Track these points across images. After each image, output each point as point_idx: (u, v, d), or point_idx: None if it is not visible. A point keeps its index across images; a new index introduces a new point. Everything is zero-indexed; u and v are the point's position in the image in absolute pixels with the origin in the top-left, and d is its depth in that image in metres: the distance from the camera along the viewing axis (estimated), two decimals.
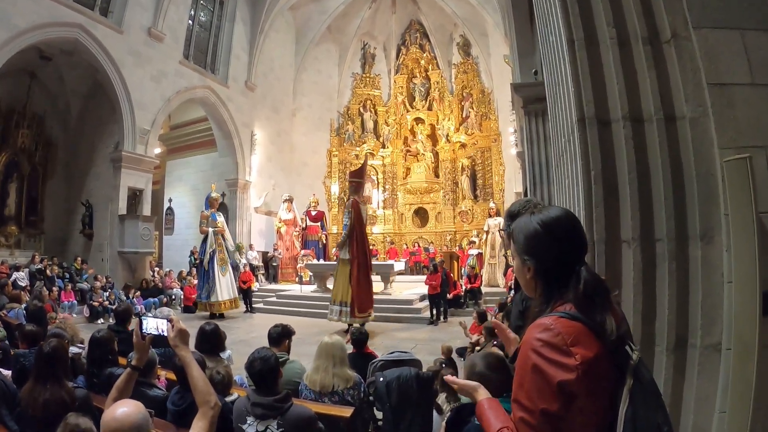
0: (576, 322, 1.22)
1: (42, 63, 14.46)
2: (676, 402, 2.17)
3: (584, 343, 1.19)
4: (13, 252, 14.46)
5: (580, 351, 1.17)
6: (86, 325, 11.01)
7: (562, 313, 1.25)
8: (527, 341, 1.25)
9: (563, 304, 1.28)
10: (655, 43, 2.36)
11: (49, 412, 2.92)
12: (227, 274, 13.50)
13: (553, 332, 1.20)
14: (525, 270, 1.40)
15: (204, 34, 18.17)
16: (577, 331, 1.20)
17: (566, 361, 1.16)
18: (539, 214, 1.37)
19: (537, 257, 1.36)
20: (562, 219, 1.35)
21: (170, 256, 20.08)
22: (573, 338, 1.19)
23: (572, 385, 1.15)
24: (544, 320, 1.25)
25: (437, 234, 21.65)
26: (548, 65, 3.40)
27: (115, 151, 14.66)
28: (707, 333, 2.15)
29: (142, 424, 1.87)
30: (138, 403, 1.96)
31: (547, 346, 1.19)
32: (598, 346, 1.20)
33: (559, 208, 1.40)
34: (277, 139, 21.12)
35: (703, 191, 2.21)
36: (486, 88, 20.86)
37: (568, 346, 1.18)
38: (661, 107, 2.32)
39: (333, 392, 3.87)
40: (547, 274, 1.35)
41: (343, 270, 10.89)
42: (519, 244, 1.41)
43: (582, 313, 1.23)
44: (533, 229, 1.36)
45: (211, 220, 13.61)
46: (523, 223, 1.40)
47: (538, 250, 1.35)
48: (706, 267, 2.18)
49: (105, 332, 4.30)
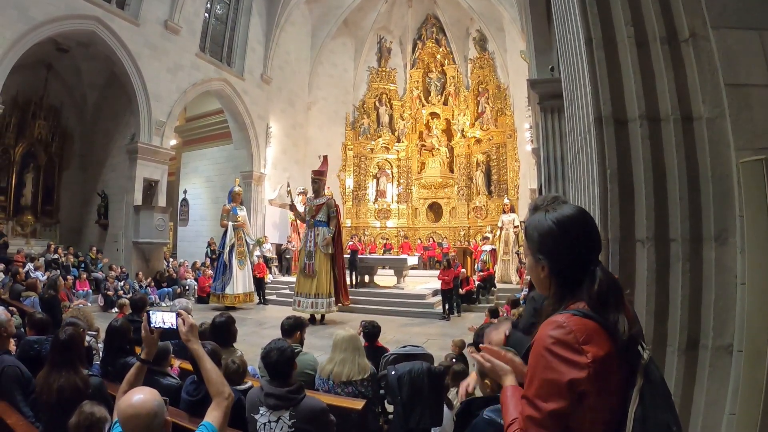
0: (589, 320, 1.22)
1: (59, 55, 14.65)
2: (686, 403, 2.16)
3: (596, 341, 1.19)
4: (29, 241, 14.70)
5: (591, 349, 1.17)
6: (100, 314, 11.13)
7: (575, 311, 1.24)
8: (540, 338, 1.25)
9: (576, 303, 1.28)
10: (673, 42, 2.34)
11: (63, 399, 2.96)
12: (245, 268, 13.68)
13: (566, 330, 1.20)
14: (539, 269, 1.39)
15: (220, 27, 18.24)
16: (589, 329, 1.20)
17: (577, 359, 1.16)
18: (553, 213, 1.35)
19: (551, 256, 1.35)
20: (576, 218, 1.34)
21: (184, 247, 20.26)
22: (585, 336, 1.18)
23: (583, 384, 1.15)
24: (556, 318, 1.25)
25: (451, 229, 21.63)
26: (565, 63, 3.38)
27: (131, 142, 14.81)
28: (719, 335, 2.14)
29: (158, 411, 1.88)
30: (153, 390, 1.97)
31: (559, 343, 1.19)
32: (609, 344, 1.20)
33: (573, 207, 1.38)
34: (292, 132, 21.17)
35: (718, 192, 2.20)
36: (502, 84, 20.78)
37: (580, 344, 1.17)
38: (678, 107, 2.30)
39: (348, 382, 3.90)
40: (561, 274, 1.34)
41: (325, 264, 11.49)
42: (533, 242, 1.40)
43: (595, 312, 1.23)
44: (547, 227, 1.34)
45: (232, 214, 13.79)
46: (537, 221, 1.39)
47: (552, 249, 1.35)
48: (719, 268, 2.17)
49: (122, 322, 4.35)
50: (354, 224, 22.22)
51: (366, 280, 14.66)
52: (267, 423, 2.90)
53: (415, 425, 3.66)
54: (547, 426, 1.20)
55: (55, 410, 3.00)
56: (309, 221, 11.85)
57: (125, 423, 1.85)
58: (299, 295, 11.55)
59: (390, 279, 15.08)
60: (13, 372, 3.42)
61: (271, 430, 2.88)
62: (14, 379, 3.40)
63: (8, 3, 11.02)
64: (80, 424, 2.40)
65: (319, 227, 11.64)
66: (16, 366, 3.48)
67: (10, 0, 11.04)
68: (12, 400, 3.31)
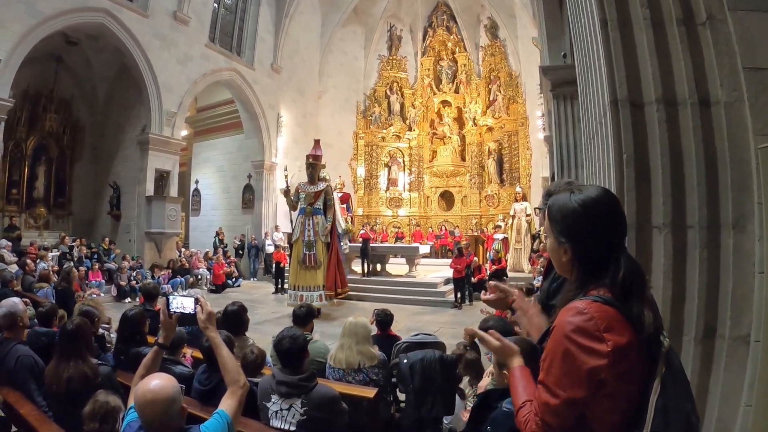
0: (610, 308, 1.19)
1: (68, 48, 14.69)
2: (702, 393, 2.13)
3: (617, 329, 1.17)
4: (42, 233, 14.82)
5: (612, 337, 1.15)
6: (113, 304, 11.29)
7: (596, 297, 1.22)
8: (560, 324, 1.23)
9: (598, 288, 1.25)
10: (690, 25, 2.28)
11: (72, 388, 3.00)
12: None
13: (587, 317, 1.18)
14: (561, 252, 1.35)
15: (229, 17, 18.18)
16: (610, 316, 1.18)
17: (598, 347, 1.14)
18: (579, 194, 1.31)
19: (575, 239, 1.31)
20: (603, 200, 1.30)
21: (196, 237, 20.42)
22: (606, 324, 1.16)
23: (603, 372, 1.14)
24: (577, 304, 1.23)
25: (463, 217, 21.60)
26: (579, 47, 3.32)
27: (142, 133, 14.86)
28: (736, 324, 2.09)
29: (176, 397, 1.91)
30: (170, 376, 2.00)
31: (579, 331, 1.17)
32: (630, 332, 1.18)
33: (599, 188, 1.34)
34: (303, 121, 21.13)
35: (736, 178, 2.14)
36: (514, 71, 20.62)
37: (601, 331, 1.15)
38: (696, 91, 2.24)
39: (358, 370, 3.91)
40: (585, 258, 1.30)
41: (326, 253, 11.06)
42: (556, 223, 1.36)
43: (618, 302, 1.20)
44: (572, 209, 1.30)
45: None
46: (562, 202, 1.34)
47: (576, 232, 1.31)
48: (737, 256, 2.12)
49: (137, 311, 4.38)
50: (366, 213, 22.25)
51: (378, 268, 14.69)
52: (279, 411, 2.92)
53: (427, 413, 3.68)
54: (563, 413, 1.19)
55: (65, 400, 3.04)
56: (306, 209, 11.14)
57: (142, 408, 1.88)
58: (298, 289, 10.80)
59: (402, 267, 15.10)
60: (27, 362, 3.47)
61: (283, 417, 2.90)
62: (28, 368, 3.44)
63: None
64: (95, 413, 2.43)
65: (317, 215, 11.09)
66: (30, 356, 3.53)
67: None
68: (26, 390, 3.36)
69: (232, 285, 16.01)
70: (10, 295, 6.18)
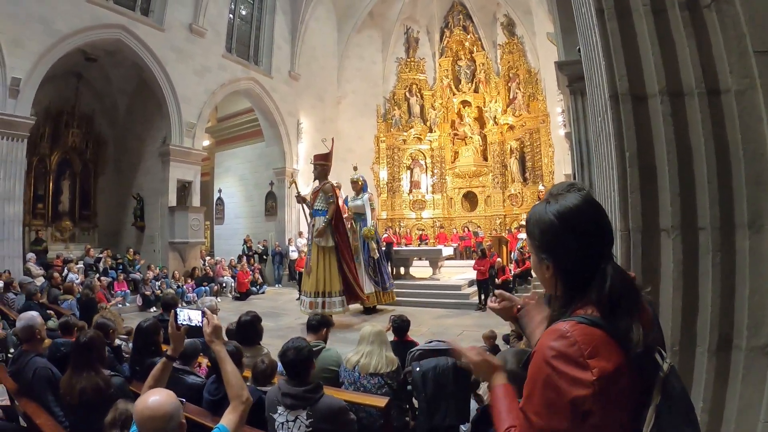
0: (596, 329, 1.07)
1: (88, 64, 14.99)
2: (717, 408, 1.95)
3: (604, 354, 1.05)
4: (68, 246, 15.16)
5: (598, 363, 1.03)
6: (138, 314, 11.43)
7: (582, 318, 1.10)
8: (540, 349, 1.12)
9: (585, 307, 1.13)
10: (694, 8, 2.09)
11: (85, 399, 3.07)
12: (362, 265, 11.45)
13: (569, 341, 1.06)
14: (543, 268, 1.24)
15: (245, 27, 18.37)
16: (596, 339, 1.06)
17: (581, 375, 1.03)
18: (554, 204, 1.20)
19: (555, 255, 1.20)
20: (581, 209, 1.17)
21: (220, 245, 20.70)
22: (591, 348, 1.04)
23: (587, 402, 1.02)
24: (560, 326, 1.11)
25: (486, 218, 21.42)
26: (583, 40, 3.17)
27: (163, 145, 15.10)
28: (754, 334, 1.90)
29: (174, 413, 1.91)
30: (170, 392, 2.01)
31: (561, 357, 1.06)
32: (620, 356, 1.06)
33: (577, 195, 1.20)
34: (323, 126, 21.18)
35: (751, 173, 1.95)
36: (532, 68, 20.41)
37: (585, 357, 1.04)
38: (703, 79, 2.06)
39: (374, 374, 3.90)
40: (568, 273, 1.19)
41: (325, 258, 10.25)
42: (534, 237, 1.25)
43: (605, 319, 1.09)
44: (548, 221, 1.19)
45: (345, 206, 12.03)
46: (538, 215, 1.23)
47: (555, 246, 1.19)
48: (754, 259, 1.93)
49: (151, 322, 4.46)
50: (389, 216, 22.27)
51: (402, 272, 14.64)
52: (285, 422, 2.93)
53: (440, 422, 3.62)
54: None
55: (80, 411, 3.13)
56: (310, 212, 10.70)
57: (141, 424, 1.90)
58: (302, 294, 10.66)
59: (425, 270, 15.01)
60: (44, 374, 3.57)
61: (289, 429, 2.91)
62: (46, 380, 3.54)
63: (33, 17, 11.22)
64: (116, 420, 2.50)
65: (317, 217, 10.50)
66: (47, 368, 3.63)
67: (35, 14, 11.25)
68: (43, 401, 3.46)
69: (256, 292, 16.12)
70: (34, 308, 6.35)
